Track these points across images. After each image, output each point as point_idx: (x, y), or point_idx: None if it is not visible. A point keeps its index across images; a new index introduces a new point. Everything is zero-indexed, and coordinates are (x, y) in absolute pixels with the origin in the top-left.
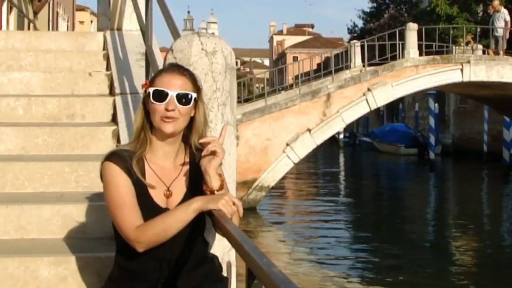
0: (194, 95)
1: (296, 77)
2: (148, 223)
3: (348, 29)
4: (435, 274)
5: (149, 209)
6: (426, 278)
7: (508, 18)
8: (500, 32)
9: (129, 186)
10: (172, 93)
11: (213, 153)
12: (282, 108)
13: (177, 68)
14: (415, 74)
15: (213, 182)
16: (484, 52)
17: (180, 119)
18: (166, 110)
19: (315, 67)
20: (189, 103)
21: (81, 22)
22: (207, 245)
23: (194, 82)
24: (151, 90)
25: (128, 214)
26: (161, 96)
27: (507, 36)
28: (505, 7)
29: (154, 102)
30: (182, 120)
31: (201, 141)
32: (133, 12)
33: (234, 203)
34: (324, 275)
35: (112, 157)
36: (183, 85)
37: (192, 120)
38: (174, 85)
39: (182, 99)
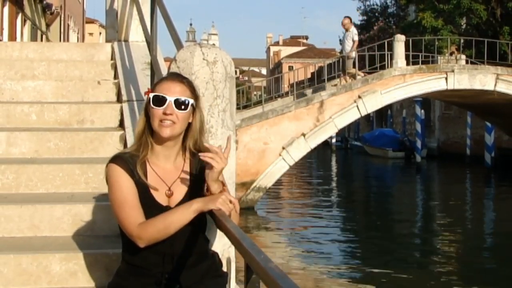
0: (192, 101)
1: (292, 85)
2: (150, 220)
3: (340, 40)
4: (422, 268)
5: (152, 208)
6: (413, 272)
7: (356, 38)
8: (347, 51)
9: (131, 186)
10: (171, 99)
11: (210, 165)
12: (278, 114)
13: (176, 76)
14: (403, 82)
15: (214, 189)
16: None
17: (177, 124)
18: (164, 114)
19: (309, 75)
20: (186, 109)
21: (91, 34)
22: (208, 242)
23: (193, 90)
24: (151, 95)
25: (130, 212)
26: (160, 101)
27: (353, 56)
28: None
29: (154, 107)
30: (179, 125)
31: (206, 145)
32: (139, 24)
33: (230, 201)
34: (318, 269)
35: (115, 159)
36: (182, 92)
37: (189, 125)
38: (172, 91)
39: (180, 104)
